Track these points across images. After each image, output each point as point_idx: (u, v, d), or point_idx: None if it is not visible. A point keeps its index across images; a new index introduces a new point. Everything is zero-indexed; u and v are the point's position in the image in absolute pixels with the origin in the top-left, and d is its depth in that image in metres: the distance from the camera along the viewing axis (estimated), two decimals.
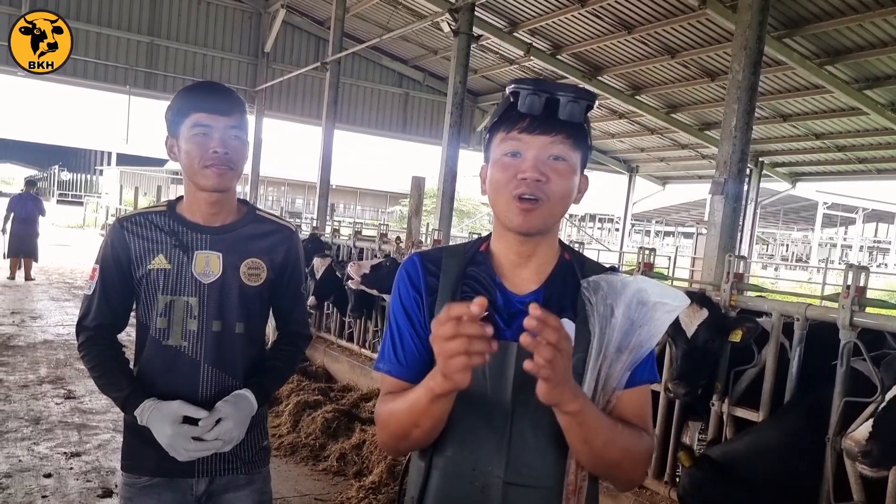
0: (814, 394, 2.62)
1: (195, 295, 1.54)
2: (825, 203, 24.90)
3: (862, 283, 2.55)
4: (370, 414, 4.46)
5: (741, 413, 2.95)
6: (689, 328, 2.81)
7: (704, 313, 2.80)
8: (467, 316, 0.88)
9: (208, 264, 1.55)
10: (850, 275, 2.54)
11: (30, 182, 11.57)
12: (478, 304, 0.88)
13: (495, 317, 1.09)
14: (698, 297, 2.87)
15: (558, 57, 11.78)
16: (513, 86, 1.05)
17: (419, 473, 1.12)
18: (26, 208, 10.54)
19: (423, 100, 15.68)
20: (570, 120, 1.04)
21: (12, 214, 10.48)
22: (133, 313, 1.62)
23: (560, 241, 1.18)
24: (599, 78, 12.07)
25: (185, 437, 1.43)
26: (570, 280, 1.12)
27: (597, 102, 1.08)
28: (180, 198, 1.61)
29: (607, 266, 1.18)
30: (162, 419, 1.44)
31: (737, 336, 2.81)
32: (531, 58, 11.74)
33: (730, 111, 4.94)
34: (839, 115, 10.90)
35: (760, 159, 13.77)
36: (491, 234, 1.18)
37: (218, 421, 1.46)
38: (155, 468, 1.54)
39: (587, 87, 11.40)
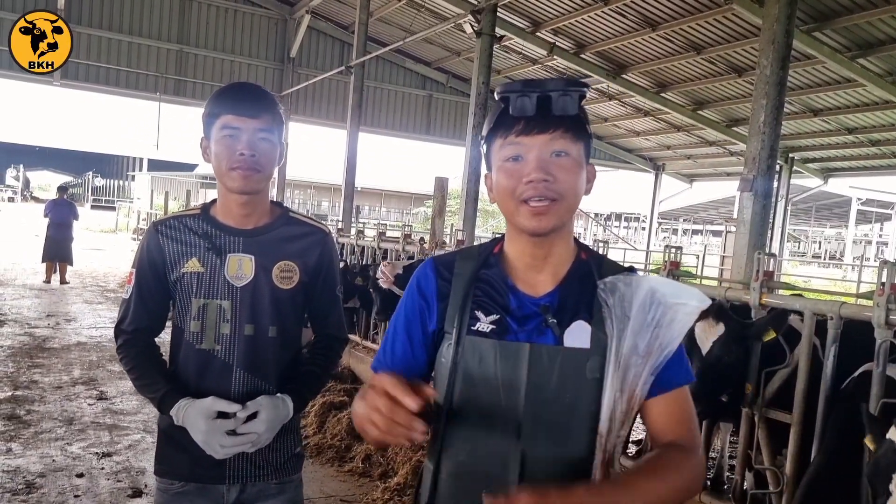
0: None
1: (228, 298, 1.52)
2: (859, 199, 24.24)
3: None
4: None
5: (773, 415, 2.88)
6: (704, 345, 2.66)
7: (720, 329, 2.66)
8: (402, 399, 0.86)
9: (241, 267, 1.53)
10: (886, 271, 2.46)
11: (62, 188, 11.88)
12: (419, 398, 0.87)
13: (507, 320, 1.07)
14: (714, 311, 2.69)
15: (582, 56, 11.69)
16: (501, 90, 1.04)
17: (429, 478, 1.11)
18: (61, 213, 10.82)
19: (446, 101, 15.71)
20: (565, 114, 1.03)
21: (48, 220, 10.78)
22: (170, 316, 1.62)
23: (576, 240, 1.15)
24: (624, 76, 11.95)
25: (220, 431, 1.42)
26: (587, 281, 1.09)
27: (588, 91, 1.06)
28: (214, 201, 1.59)
29: (626, 266, 1.15)
30: (196, 416, 1.44)
31: (770, 335, 2.72)
32: (554, 57, 11.67)
33: (758, 107, 4.84)
34: (872, 108, 10.62)
35: (791, 155, 13.48)
36: (505, 235, 1.16)
37: (254, 414, 1.46)
38: (187, 474, 1.54)
39: (577, 74, 11.26)
